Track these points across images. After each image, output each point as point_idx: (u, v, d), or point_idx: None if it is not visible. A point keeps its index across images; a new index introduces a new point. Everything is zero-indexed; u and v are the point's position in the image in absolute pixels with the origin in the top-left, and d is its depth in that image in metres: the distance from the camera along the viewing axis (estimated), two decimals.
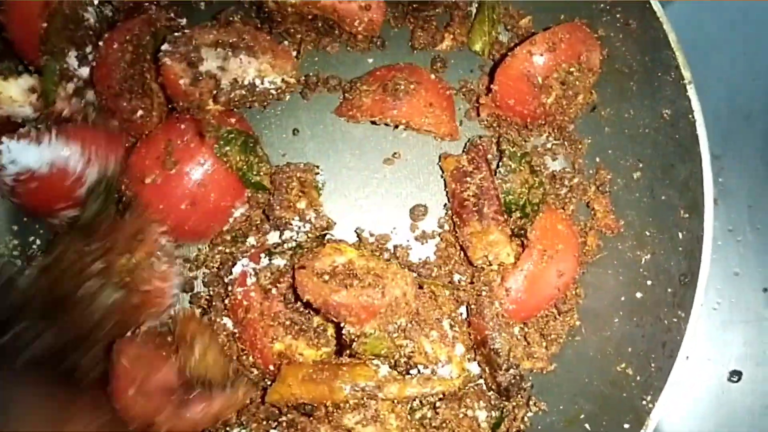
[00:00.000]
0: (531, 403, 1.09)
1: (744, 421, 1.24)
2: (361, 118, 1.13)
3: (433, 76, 1.15)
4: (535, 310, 1.09)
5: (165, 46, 1.02)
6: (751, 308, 1.28)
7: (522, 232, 1.07)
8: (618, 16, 1.10)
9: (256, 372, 1.07)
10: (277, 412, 1.06)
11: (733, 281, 1.28)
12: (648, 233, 1.09)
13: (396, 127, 1.14)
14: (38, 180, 1.09)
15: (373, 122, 1.13)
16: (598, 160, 1.16)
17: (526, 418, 1.09)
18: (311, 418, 1.01)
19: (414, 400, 1.03)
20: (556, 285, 1.06)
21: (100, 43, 1.10)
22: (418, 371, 1.00)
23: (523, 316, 1.08)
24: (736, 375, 1.25)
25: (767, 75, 1.34)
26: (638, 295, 1.08)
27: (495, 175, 1.07)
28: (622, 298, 1.09)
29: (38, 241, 1.19)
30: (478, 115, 1.17)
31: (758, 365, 1.25)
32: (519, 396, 1.06)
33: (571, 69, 1.09)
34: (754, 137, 1.32)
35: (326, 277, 0.96)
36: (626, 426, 1.01)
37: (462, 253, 1.11)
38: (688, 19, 1.31)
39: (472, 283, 1.09)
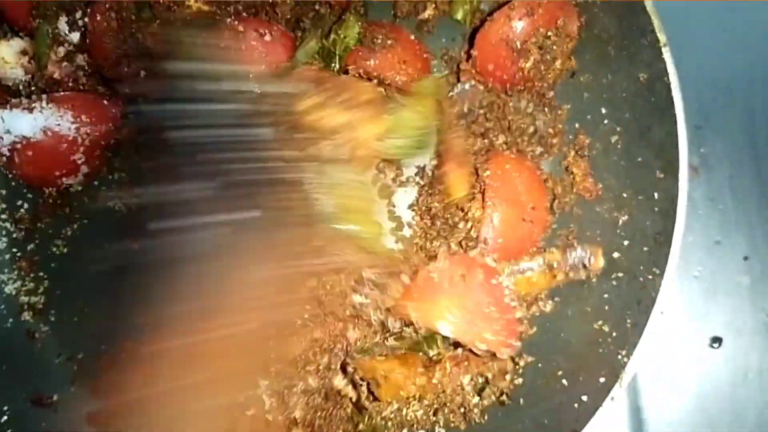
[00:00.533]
0: (516, 367, 1.11)
1: (724, 384, 1.24)
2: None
3: (412, 37, 1.18)
4: (519, 251, 1.10)
5: None
6: (732, 276, 1.29)
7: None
8: None
9: None
10: None
11: (715, 249, 1.30)
12: (625, 195, 1.11)
13: (369, 80, 1.17)
14: (34, 148, 1.13)
15: (346, 72, 1.16)
16: (577, 125, 1.18)
17: (511, 384, 1.11)
18: None
19: None
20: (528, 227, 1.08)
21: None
22: None
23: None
24: (717, 341, 1.26)
25: (746, 50, 1.35)
26: (615, 255, 1.10)
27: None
28: None
29: (26, 205, 1.22)
30: (458, 81, 1.20)
31: (738, 331, 1.26)
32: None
33: (549, 34, 1.12)
34: (734, 109, 1.34)
35: None
36: (602, 380, 1.03)
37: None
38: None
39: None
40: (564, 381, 1.08)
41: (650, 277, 1.04)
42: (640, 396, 1.24)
